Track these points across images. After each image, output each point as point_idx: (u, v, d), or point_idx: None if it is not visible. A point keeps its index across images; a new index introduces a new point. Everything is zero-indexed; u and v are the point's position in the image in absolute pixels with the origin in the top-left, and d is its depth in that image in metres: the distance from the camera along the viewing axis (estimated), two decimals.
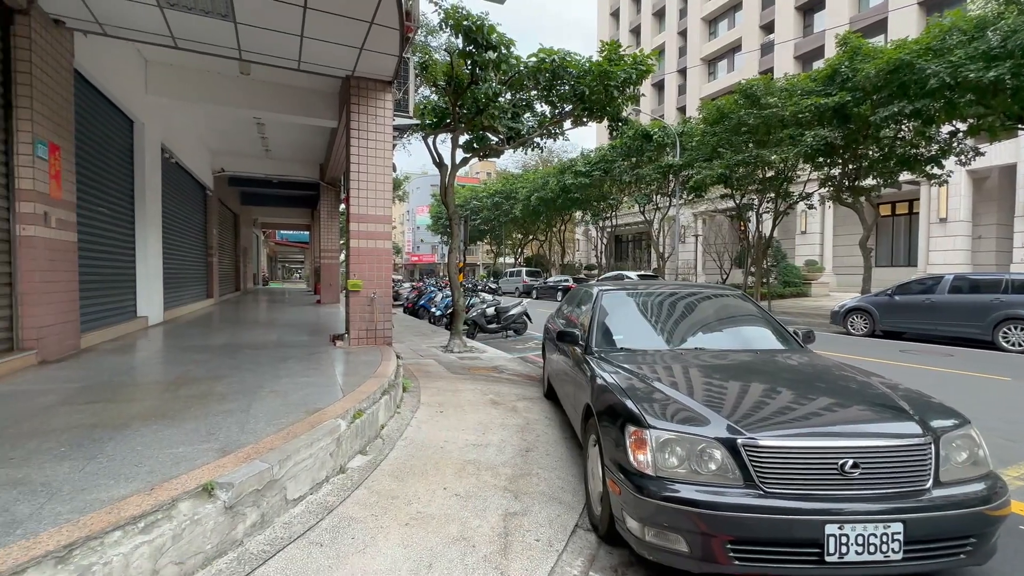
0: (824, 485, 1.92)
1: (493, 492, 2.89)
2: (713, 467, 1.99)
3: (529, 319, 11.12)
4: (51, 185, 4.80)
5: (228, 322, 9.01)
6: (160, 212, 8.50)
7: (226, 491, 2.15)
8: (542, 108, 9.09)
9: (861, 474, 1.92)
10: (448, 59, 8.02)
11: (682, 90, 37.18)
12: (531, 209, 30.33)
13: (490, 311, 10.62)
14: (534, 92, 8.77)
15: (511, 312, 10.64)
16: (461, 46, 7.35)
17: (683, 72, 36.57)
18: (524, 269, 30.07)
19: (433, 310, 13.35)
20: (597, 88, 7.75)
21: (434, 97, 9.46)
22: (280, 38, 5.33)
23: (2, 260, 4.45)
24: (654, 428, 2.10)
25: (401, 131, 9.39)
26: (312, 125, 9.90)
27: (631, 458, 2.12)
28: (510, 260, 44.03)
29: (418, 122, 8.56)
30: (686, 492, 1.93)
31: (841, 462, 1.92)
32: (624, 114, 8.93)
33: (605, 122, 8.85)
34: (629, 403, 2.33)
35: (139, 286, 7.70)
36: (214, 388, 3.88)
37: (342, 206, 15.13)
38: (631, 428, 2.19)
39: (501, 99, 8.30)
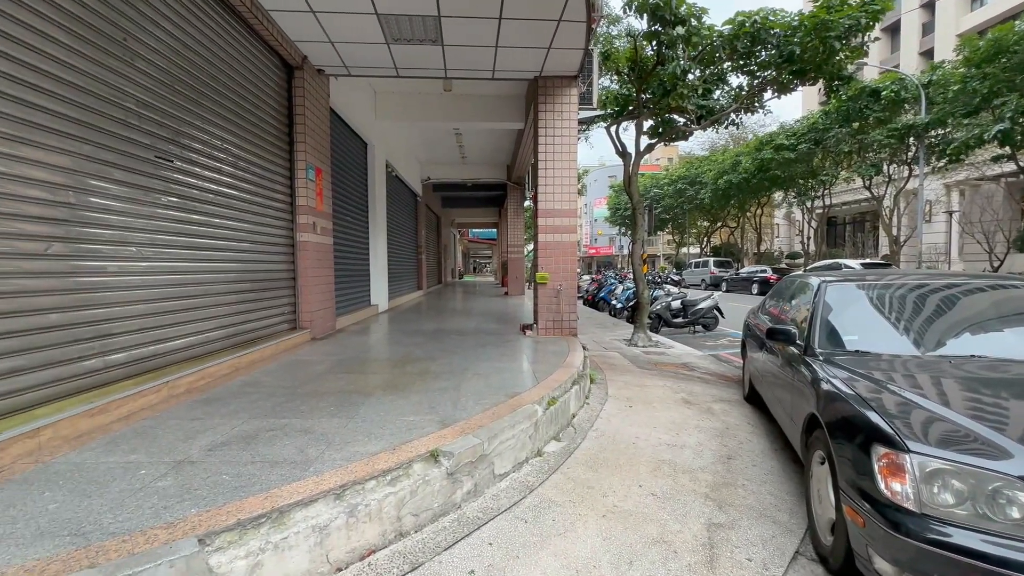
0: None
1: (693, 497, 2.71)
2: (1018, 515, 1.51)
3: (721, 314, 10.19)
4: (316, 200, 6.13)
5: (434, 311, 10.35)
6: (385, 218, 10.18)
7: (448, 459, 2.45)
8: (738, 80, 8.17)
9: None
10: (630, 44, 7.76)
11: (928, 28, 29.37)
12: (720, 193, 27.63)
13: (676, 304, 10.04)
14: (728, 64, 7.92)
15: (700, 306, 9.88)
16: (645, 27, 7.03)
17: (930, 5, 28.87)
18: (712, 259, 27.60)
19: (613, 302, 13.22)
20: (811, 44, 6.61)
21: (615, 86, 9.28)
22: (477, 52, 5.84)
23: (288, 260, 5.85)
24: (916, 453, 1.69)
25: (585, 124, 9.46)
26: (501, 129, 10.67)
27: (881, 486, 1.74)
28: (695, 250, 40.96)
29: (601, 113, 8.51)
30: (969, 541, 1.51)
31: None
32: (846, 71, 7.45)
33: (818, 85, 7.53)
34: (875, 417, 1.93)
35: (372, 280, 9.37)
36: (430, 367, 4.49)
37: (527, 203, 16.02)
38: (880, 449, 1.80)
39: (690, 76, 7.71)
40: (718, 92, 8.39)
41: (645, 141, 8.43)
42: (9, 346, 2.53)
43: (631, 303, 11.70)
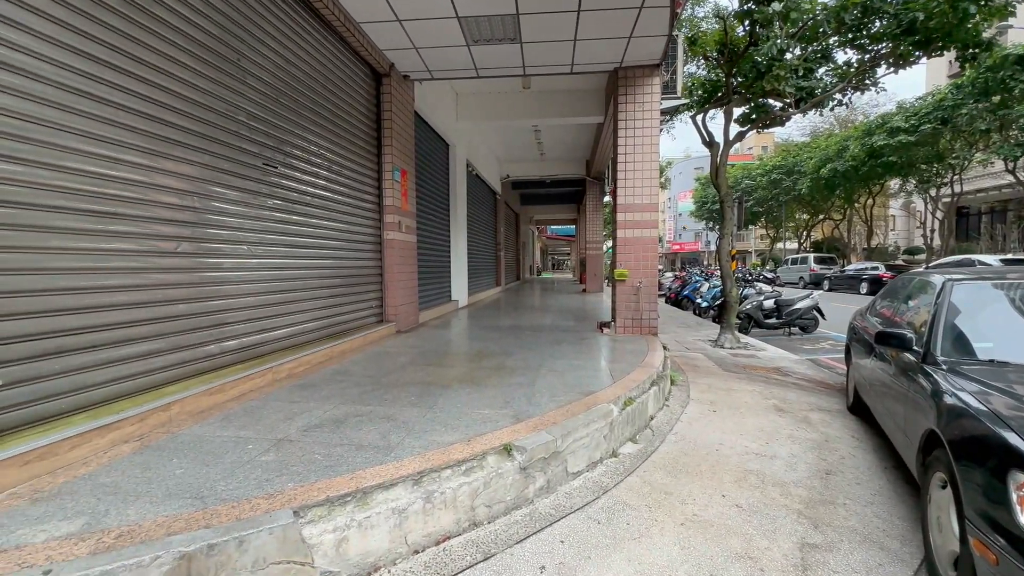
0: None
1: (783, 513, 2.50)
2: None
3: (821, 315, 9.29)
4: (402, 200, 6.45)
5: (511, 307, 10.48)
6: (466, 216, 10.47)
7: (521, 454, 2.47)
8: (846, 56, 7.39)
9: None
10: (719, 26, 7.29)
11: None
12: (822, 183, 25.14)
13: (768, 304, 9.31)
14: (834, 39, 7.18)
15: (797, 306, 9.08)
16: (736, 6, 6.57)
17: None
18: (811, 255, 25.22)
19: (698, 301, 12.58)
20: (938, 10, 5.79)
21: (701, 72, 8.77)
22: (555, 47, 5.80)
23: (376, 257, 6.22)
24: None
25: (668, 114, 9.05)
26: (580, 124, 10.53)
27: (1020, 519, 1.49)
28: (791, 245, 37.70)
29: (686, 101, 8.09)
30: None
31: None
32: (985, 35, 6.44)
33: (947, 54, 6.57)
34: (1015, 439, 1.65)
35: (452, 276, 9.69)
36: (505, 363, 4.55)
37: (606, 198, 15.68)
38: (1020, 476, 1.54)
39: (788, 56, 7.09)
40: (822, 70, 7.62)
41: (735, 129, 7.90)
42: (148, 331, 2.94)
43: (718, 302, 11.07)
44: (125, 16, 2.77)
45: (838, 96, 7.64)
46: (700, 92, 8.43)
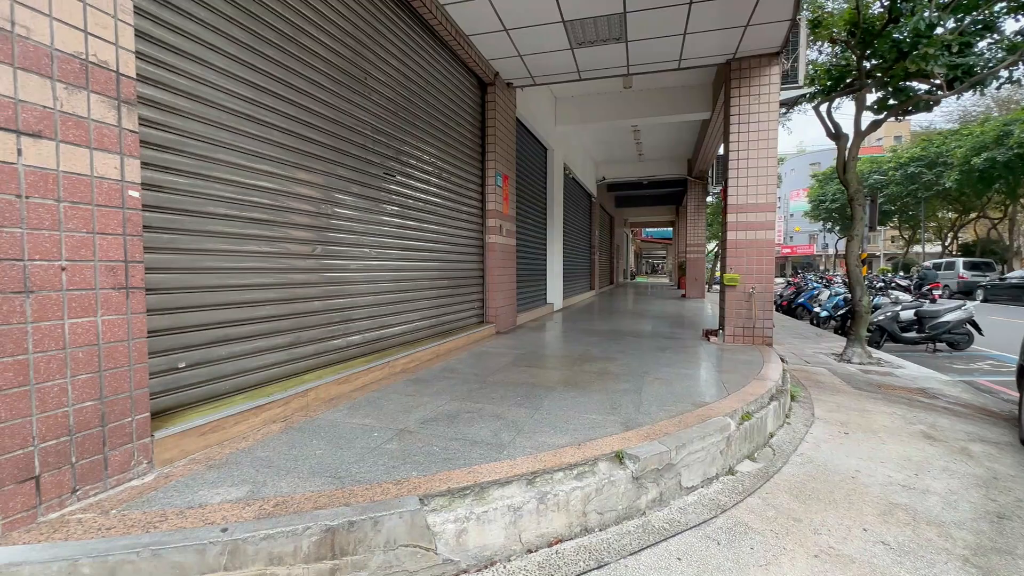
0: None
1: (944, 558, 2.16)
2: None
3: (977, 329, 7.95)
4: (503, 205, 6.62)
5: (608, 311, 10.27)
6: (562, 220, 10.48)
7: (633, 462, 2.40)
8: (1018, 23, 6.25)
9: None
10: (850, 4, 6.54)
11: None
12: (976, 175, 21.51)
13: (906, 315, 8.17)
14: (1001, 4, 6.12)
15: (944, 318, 7.86)
16: None
17: None
18: (960, 259, 21.67)
19: (816, 310, 11.39)
20: None
21: (823, 58, 7.94)
22: (663, 43, 5.59)
23: (478, 260, 6.44)
24: None
25: (786, 106, 8.32)
26: (683, 121, 10.06)
27: None
28: (932, 248, 32.73)
29: (809, 91, 7.37)
30: None
31: None
32: None
33: None
34: None
35: (548, 279, 9.74)
36: (608, 368, 4.46)
37: (709, 198, 14.80)
38: None
39: (938, 30, 6.17)
40: (983, 43, 6.52)
41: (868, 119, 7.04)
42: (290, 325, 3.30)
43: (841, 311, 9.97)
44: (281, 48, 3.15)
45: (1004, 73, 6.50)
46: (825, 80, 7.63)
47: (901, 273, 28.64)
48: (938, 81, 6.49)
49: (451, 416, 3.01)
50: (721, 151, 10.36)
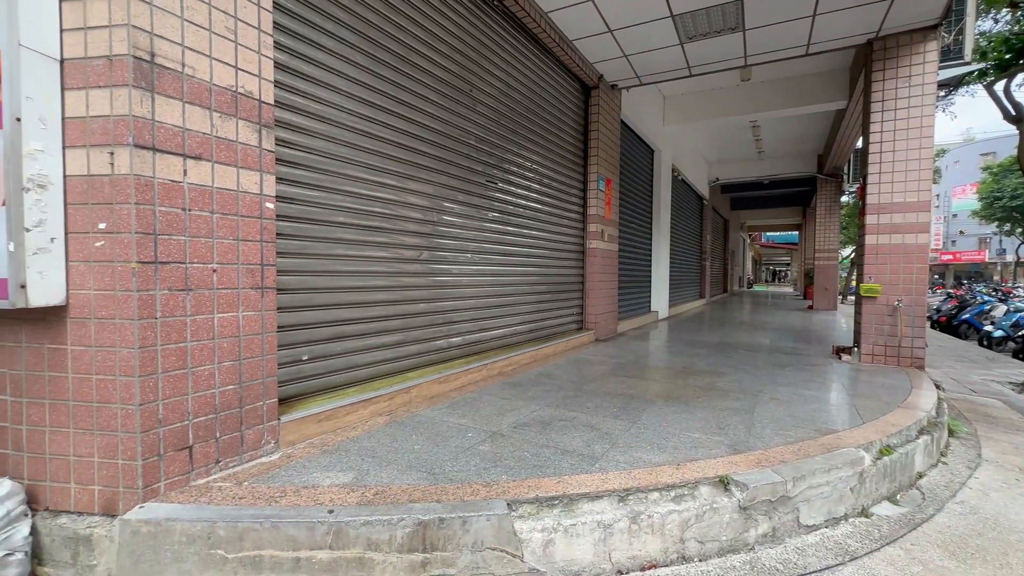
0: None
1: None
2: None
3: None
4: (605, 209, 6.47)
5: (719, 321, 9.54)
6: (669, 224, 9.98)
7: (741, 490, 2.17)
8: None
9: None
10: None
11: None
12: None
13: None
14: None
15: None
16: None
17: None
18: None
19: (987, 328, 9.50)
20: None
21: (999, 27, 6.61)
22: (787, 28, 5.07)
23: (578, 266, 6.36)
24: None
25: (946, 87, 7.08)
26: (811, 113, 9.05)
27: None
28: None
29: (978, 67, 6.21)
30: None
31: None
32: None
33: None
34: None
35: (653, 286, 9.32)
36: (715, 383, 4.12)
37: (844, 198, 13.11)
38: None
39: None
40: None
41: None
42: (397, 325, 3.54)
43: (1022, 331, 8.24)
44: (395, 68, 3.41)
45: None
46: (1000, 54, 6.35)
47: None
48: None
49: (544, 422, 2.99)
50: (859, 144, 9.12)
